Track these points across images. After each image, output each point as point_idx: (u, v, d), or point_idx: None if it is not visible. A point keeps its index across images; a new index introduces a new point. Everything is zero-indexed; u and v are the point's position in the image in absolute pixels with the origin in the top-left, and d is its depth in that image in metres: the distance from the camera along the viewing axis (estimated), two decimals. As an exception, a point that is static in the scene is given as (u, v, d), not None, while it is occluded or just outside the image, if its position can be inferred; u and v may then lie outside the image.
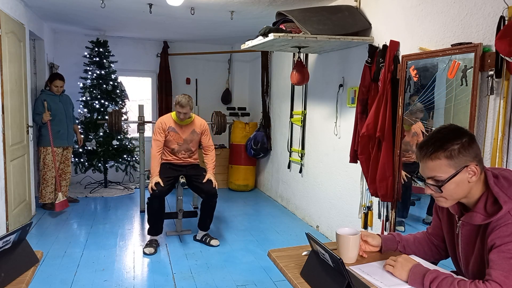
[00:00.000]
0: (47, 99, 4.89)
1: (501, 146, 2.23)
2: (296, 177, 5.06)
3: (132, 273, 3.30)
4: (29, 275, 1.50)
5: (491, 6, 2.30)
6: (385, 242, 1.68)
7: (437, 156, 1.35)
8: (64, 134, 5.02)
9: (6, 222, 3.82)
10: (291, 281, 1.49)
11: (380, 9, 3.34)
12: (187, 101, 3.70)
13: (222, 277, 3.23)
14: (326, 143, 4.26)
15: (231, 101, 7.23)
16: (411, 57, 2.84)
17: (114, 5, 4.39)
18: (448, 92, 2.54)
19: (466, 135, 1.37)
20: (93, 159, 5.91)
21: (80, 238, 4.08)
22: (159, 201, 3.69)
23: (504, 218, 1.30)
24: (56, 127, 4.93)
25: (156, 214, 3.75)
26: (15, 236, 1.48)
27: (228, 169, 6.42)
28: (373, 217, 3.47)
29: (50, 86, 4.97)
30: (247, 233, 4.33)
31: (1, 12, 3.71)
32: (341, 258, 1.28)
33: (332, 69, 4.10)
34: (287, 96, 5.25)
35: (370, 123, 3.09)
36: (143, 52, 6.74)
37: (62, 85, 5.02)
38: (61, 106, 5.02)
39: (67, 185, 5.30)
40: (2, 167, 3.72)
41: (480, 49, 2.29)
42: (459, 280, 1.30)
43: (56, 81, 4.95)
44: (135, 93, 6.88)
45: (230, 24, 5.16)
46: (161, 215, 3.83)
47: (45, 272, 3.23)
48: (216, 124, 5.05)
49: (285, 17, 3.39)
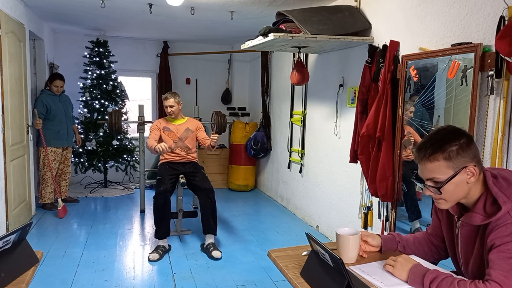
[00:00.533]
0: (47, 99, 4.89)
1: (501, 146, 2.23)
2: (296, 177, 5.06)
3: (132, 273, 3.30)
4: (29, 275, 1.50)
5: (491, 6, 2.30)
6: (385, 242, 1.69)
7: (436, 158, 1.35)
8: (63, 134, 5.02)
9: (6, 222, 3.82)
10: (291, 281, 1.49)
11: (380, 9, 3.34)
12: (172, 94, 3.97)
13: (222, 277, 3.23)
14: (326, 143, 4.26)
15: (231, 101, 7.23)
16: (411, 57, 2.84)
17: (114, 5, 4.39)
18: (448, 92, 2.54)
19: (464, 136, 1.37)
20: (93, 159, 5.91)
21: (80, 238, 4.08)
22: (164, 198, 3.65)
23: (504, 218, 1.30)
24: (56, 127, 4.93)
25: (161, 212, 3.67)
26: (15, 236, 1.48)
27: (228, 169, 6.42)
28: (373, 217, 3.47)
29: (50, 86, 4.98)
30: (247, 233, 4.33)
31: (1, 12, 3.71)
32: (341, 258, 1.27)
33: (332, 69, 4.10)
34: (287, 96, 5.25)
35: (370, 123, 3.09)
36: (143, 52, 6.74)
37: (62, 85, 5.03)
38: (61, 106, 5.02)
39: (67, 185, 5.30)
40: (2, 167, 3.73)
41: (480, 49, 2.29)
42: (459, 280, 1.30)
43: (56, 81, 4.95)
44: (135, 93, 6.88)
45: (230, 24, 5.16)
46: (167, 214, 3.72)
47: (45, 272, 3.23)
48: (216, 124, 5.04)
49: (285, 17, 3.39)
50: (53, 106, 4.91)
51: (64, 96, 5.12)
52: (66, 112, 5.08)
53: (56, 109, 4.94)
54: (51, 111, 4.88)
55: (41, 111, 4.81)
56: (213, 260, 3.54)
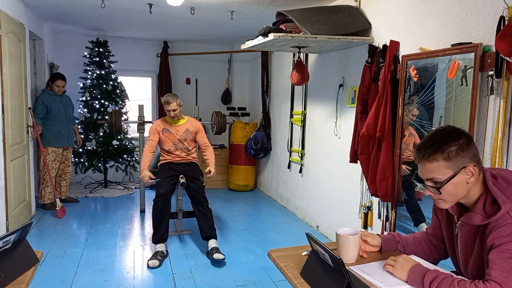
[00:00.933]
0: (48, 98, 4.89)
1: (501, 146, 2.23)
2: (296, 177, 5.06)
3: (132, 273, 3.30)
4: (29, 275, 1.50)
5: (491, 6, 2.30)
6: (385, 242, 1.69)
7: (435, 158, 1.36)
8: (64, 134, 5.02)
9: (6, 222, 3.82)
10: (291, 281, 1.49)
11: (380, 9, 3.34)
12: (173, 97, 3.81)
13: (222, 277, 3.23)
14: (326, 143, 4.26)
15: (231, 101, 7.23)
16: (411, 57, 2.84)
17: (114, 5, 4.39)
18: (448, 92, 2.54)
19: (463, 136, 1.37)
20: (93, 159, 5.91)
21: (80, 238, 4.08)
22: (164, 201, 3.62)
23: (503, 218, 1.30)
24: (56, 127, 4.93)
25: (160, 216, 3.63)
26: (15, 236, 1.48)
27: (228, 169, 6.42)
28: (373, 217, 3.47)
29: (52, 86, 4.98)
30: (247, 233, 4.33)
31: (1, 12, 3.71)
32: (341, 258, 1.28)
33: (332, 69, 4.10)
34: (287, 96, 5.25)
35: (370, 123, 3.09)
36: (143, 52, 6.74)
37: (64, 85, 5.03)
38: (61, 106, 5.02)
39: (67, 185, 5.30)
40: (2, 167, 3.73)
41: (480, 49, 2.29)
42: (459, 280, 1.30)
43: (58, 81, 4.96)
44: (135, 93, 6.88)
45: (230, 24, 5.16)
46: (166, 216, 3.68)
47: (45, 272, 3.23)
48: (216, 124, 5.04)
49: (285, 17, 3.39)
50: (53, 106, 4.91)
51: (65, 97, 5.12)
52: (67, 112, 5.08)
53: (57, 109, 4.94)
54: (51, 111, 4.88)
55: (41, 111, 4.81)
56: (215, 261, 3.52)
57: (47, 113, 4.87)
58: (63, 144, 5.03)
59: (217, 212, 5.07)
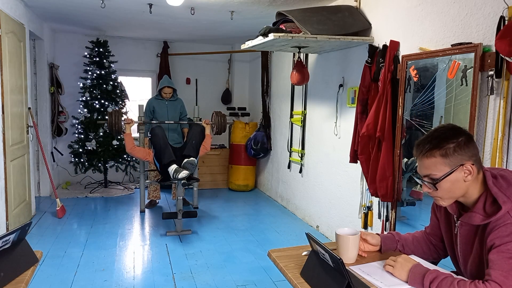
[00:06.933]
0: (153, 103, 5.11)
1: (501, 146, 2.23)
2: (296, 177, 5.06)
3: (132, 273, 3.30)
4: (29, 275, 1.50)
5: (491, 6, 2.30)
6: (385, 241, 1.69)
7: (433, 154, 1.36)
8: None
9: (6, 222, 3.82)
10: (291, 281, 1.49)
11: (380, 9, 3.34)
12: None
13: (222, 277, 3.23)
14: (326, 143, 4.26)
15: (231, 101, 7.23)
16: (411, 57, 2.84)
17: (114, 5, 4.39)
18: (448, 92, 2.54)
19: (463, 134, 1.37)
20: (93, 159, 5.91)
21: (80, 238, 4.08)
22: (159, 128, 4.15)
23: (503, 218, 1.30)
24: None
25: (161, 140, 4.04)
26: (14, 235, 1.48)
27: (228, 169, 6.42)
28: (373, 217, 3.47)
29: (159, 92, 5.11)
30: (247, 233, 4.33)
31: (1, 12, 3.72)
32: (341, 258, 1.27)
33: (332, 69, 4.10)
34: (287, 96, 5.25)
35: (370, 123, 3.08)
36: (143, 52, 6.74)
37: (171, 92, 5.11)
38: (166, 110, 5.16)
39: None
40: (2, 167, 3.73)
41: (480, 49, 2.29)
42: (459, 280, 1.30)
43: (164, 88, 5.05)
44: (135, 93, 6.88)
45: (230, 24, 5.16)
46: (165, 139, 4.11)
47: (45, 272, 3.23)
48: (216, 124, 5.04)
49: (285, 17, 3.39)
50: (159, 111, 5.09)
51: (174, 101, 5.22)
52: (170, 116, 5.17)
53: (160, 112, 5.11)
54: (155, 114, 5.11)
55: (148, 116, 5.07)
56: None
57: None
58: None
59: (217, 212, 5.07)
